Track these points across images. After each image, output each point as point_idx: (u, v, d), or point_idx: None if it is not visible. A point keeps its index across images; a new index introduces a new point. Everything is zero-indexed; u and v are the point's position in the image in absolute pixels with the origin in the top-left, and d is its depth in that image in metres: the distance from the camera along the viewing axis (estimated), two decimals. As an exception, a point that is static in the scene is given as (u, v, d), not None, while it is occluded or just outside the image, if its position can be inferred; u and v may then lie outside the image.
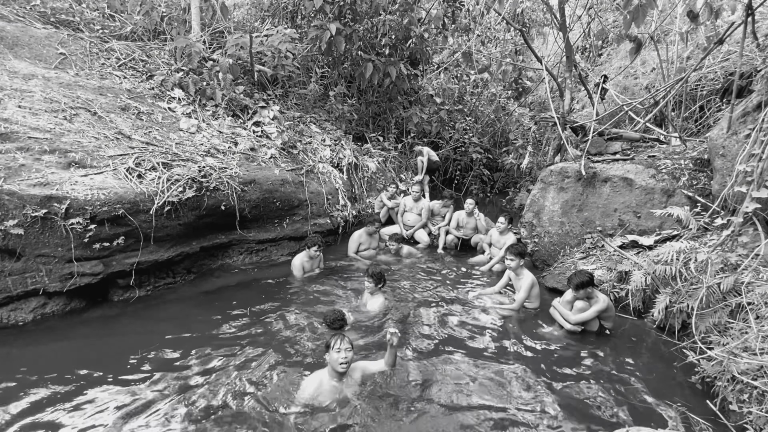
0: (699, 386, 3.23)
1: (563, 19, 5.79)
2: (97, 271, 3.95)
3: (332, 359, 2.77)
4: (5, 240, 3.42)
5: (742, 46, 4.28)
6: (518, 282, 4.45)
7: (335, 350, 2.76)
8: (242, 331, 3.73)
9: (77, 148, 4.05)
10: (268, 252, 5.67)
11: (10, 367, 3.06)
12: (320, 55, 7.98)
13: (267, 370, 3.16)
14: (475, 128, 10.47)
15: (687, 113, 6.92)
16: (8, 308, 3.65)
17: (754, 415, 2.65)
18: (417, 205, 6.82)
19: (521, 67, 10.72)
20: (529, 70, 11.23)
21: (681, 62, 7.12)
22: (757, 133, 3.81)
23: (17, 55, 4.84)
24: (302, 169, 5.94)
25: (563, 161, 6.00)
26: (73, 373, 3.02)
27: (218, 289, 4.67)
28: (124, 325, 3.81)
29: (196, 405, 2.76)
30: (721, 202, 4.25)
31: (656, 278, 4.15)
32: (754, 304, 3.32)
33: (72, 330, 3.66)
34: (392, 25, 7.64)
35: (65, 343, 3.46)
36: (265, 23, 7.76)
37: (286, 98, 7.27)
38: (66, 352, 3.32)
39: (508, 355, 3.60)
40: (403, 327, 3.91)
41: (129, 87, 5.41)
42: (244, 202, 5.03)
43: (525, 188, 9.55)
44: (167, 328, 3.73)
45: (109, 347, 3.42)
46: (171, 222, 4.36)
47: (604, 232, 5.25)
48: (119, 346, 3.42)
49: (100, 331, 3.67)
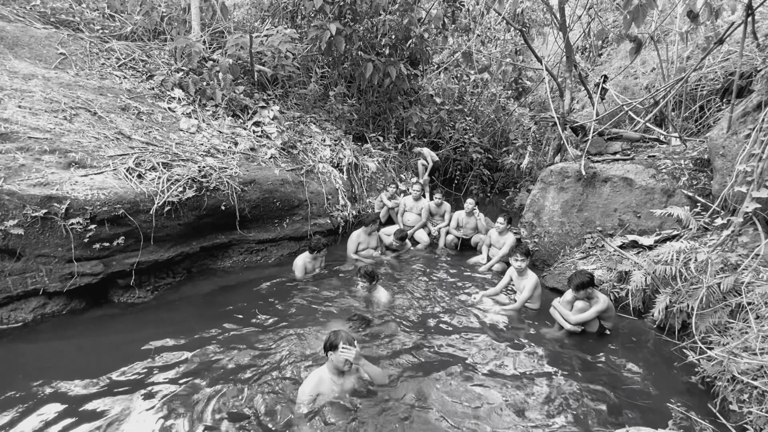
0: (699, 386, 3.23)
1: (563, 19, 5.79)
2: (97, 271, 3.95)
3: (337, 359, 2.74)
4: (5, 240, 3.42)
5: (742, 46, 4.28)
6: (522, 282, 4.44)
7: (342, 350, 2.71)
8: (242, 331, 3.73)
9: (77, 148, 4.05)
10: (268, 252, 5.67)
11: (10, 368, 3.06)
12: (320, 55, 7.98)
13: (267, 370, 3.16)
14: (475, 128, 10.47)
15: (687, 113, 6.92)
16: (8, 308, 3.65)
17: (754, 415, 2.65)
18: (417, 205, 6.83)
19: (521, 67, 10.72)
20: (529, 70, 11.23)
21: (681, 62, 7.12)
22: (757, 133, 3.81)
23: (17, 55, 4.84)
24: (302, 169, 5.94)
25: (563, 161, 6.00)
26: (73, 373, 3.02)
27: (218, 289, 4.67)
28: (124, 325, 3.81)
29: (196, 405, 2.76)
30: (721, 202, 4.25)
31: (656, 278, 4.15)
32: (754, 304, 3.32)
33: (72, 330, 3.66)
34: (392, 25, 7.65)
35: (65, 343, 3.46)
36: (265, 23, 7.76)
37: (286, 98, 7.27)
38: (66, 353, 3.31)
39: (507, 356, 3.59)
40: (401, 327, 3.92)
41: (129, 87, 5.41)
42: (244, 202, 5.03)
43: (525, 188, 9.55)
44: (167, 328, 3.73)
45: (109, 347, 3.42)
46: (171, 222, 4.36)
47: (604, 232, 5.25)
48: (119, 346, 3.41)
49: (100, 332, 3.67)
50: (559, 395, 3.08)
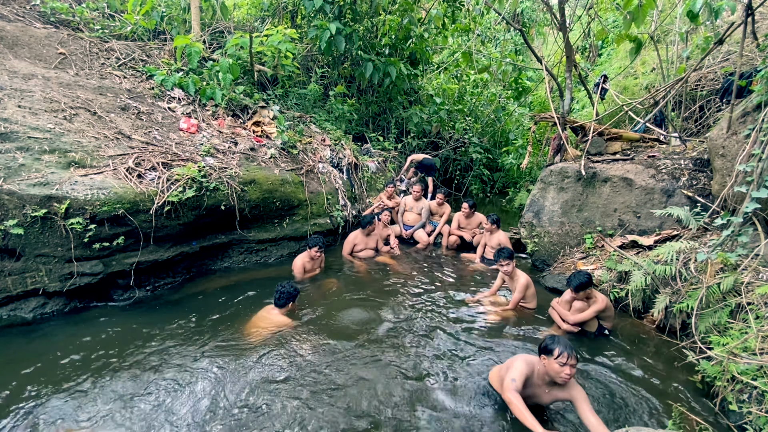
0: (699, 386, 3.23)
1: (563, 19, 5.79)
2: (97, 271, 3.95)
3: (553, 368, 2.55)
4: (5, 240, 3.42)
5: (741, 46, 4.28)
6: (513, 283, 4.45)
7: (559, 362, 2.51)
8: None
9: (77, 148, 4.05)
10: (268, 252, 5.67)
11: (10, 368, 3.06)
12: (320, 55, 7.98)
13: (268, 370, 3.16)
14: (475, 128, 10.48)
15: (687, 113, 6.92)
16: (8, 308, 3.65)
17: (754, 415, 2.65)
18: (417, 205, 6.83)
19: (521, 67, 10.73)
20: (529, 70, 11.24)
21: (681, 62, 7.12)
22: (756, 133, 3.82)
23: (17, 54, 4.84)
24: (302, 169, 5.94)
25: (563, 161, 6.00)
26: (72, 373, 3.02)
27: (218, 289, 4.66)
28: (124, 325, 3.81)
29: (196, 405, 2.76)
30: (721, 202, 4.25)
31: (656, 278, 4.15)
32: (754, 304, 3.32)
33: (71, 330, 3.66)
34: (392, 25, 7.65)
35: (64, 343, 3.46)
36: (265, 23, 7.77)
37: (286, 98, 7.28)
38: (65, 353, 3.31)
39: (506, 356, 3.59)
40: (399, 327, 3.92)
41: (129, 87, 5.41)
42: (243, 202, 5.03)
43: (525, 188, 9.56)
44: (167, 328, 3.73)
45: (109, 347, 3.41)
46: (171, 222, 4.36)
47: (604, 232, 5.25)
48: (119, 346, 3.41)
49: (100, 332, 3.67)
50: (558, 395, 3.08)
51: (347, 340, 3.61)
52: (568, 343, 2.58)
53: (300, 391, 2.93)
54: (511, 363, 2.81)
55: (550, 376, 2.60)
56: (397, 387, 3.05)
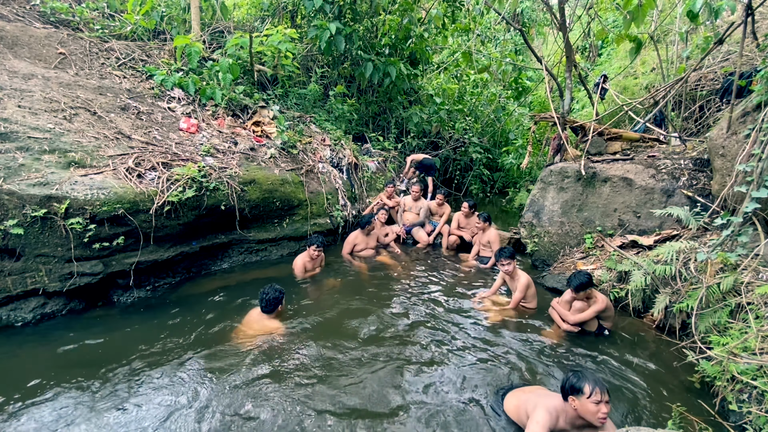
0: (699, 386, 3.23)
1: (563, 19, 5.79)
2: (97, 271, 3.95)
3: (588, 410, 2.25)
4: (5, 240, 3.42)
5: (741, 46, 4.28)
6: (514, 283, 4.45)
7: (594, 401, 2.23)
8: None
9: (77, 148, 4.05)
10: (268, 252, 5.67)
11: (10, 368, 3.05)
12: (320, 55, 7.98)
13: (268, 369, 3.15)
14: (475, 128, 10.48)
15: (687, 113, 6.92)
16: (8, 308, 3.65)
17: (754, 415, 2.65)
18: (416, 205, 6.83)
19: (521, 67, 10.73)
20: (529, 70, 11.24)
21: (681, 62, 7.12)
22: (756, 133, 3.82)
23: (17, 54, 4.84)
24: (302, 169, 5.94)
25: (563, 161, 6.00)
26: (72, 373, 3.02)
27: (218, 289, 4.66)
28: (124, 326, 3.81)
29: (196, 405, 2.76)
30: (720, 202, 4.25)
31: (656, 278, 4.15)
32: (754, 304, 3.32)
33: (71, 330, 3.66)
34: (392, 25, 7.65)
35: (64, 343, 3.46)
36: (265, 23, 7.77)
37: (286, 98, 7.28)
38: (65, 353, 3.31)
39: (506, 356, 3.59)
40: (399, 327, 3.92)
41: (129, 87, 5.41)
42: (243, 202, 5.03)
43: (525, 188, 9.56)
44: (167, 328, 3.73)
45: (109, 347, 3.42)
46: (171, 222, 4.36)
47: (604, 232, 5.25)
48: (119, 347, 3.41)
49: (100, 332, 3.67)
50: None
51: (346, 341, 3.61)
52: (595, 377, 2.33)
53: (298, 391, 2.93)
54: (530, 402, 2.52)
55: (585, 418, 2.28)
56: (395, 388, 3.05)
